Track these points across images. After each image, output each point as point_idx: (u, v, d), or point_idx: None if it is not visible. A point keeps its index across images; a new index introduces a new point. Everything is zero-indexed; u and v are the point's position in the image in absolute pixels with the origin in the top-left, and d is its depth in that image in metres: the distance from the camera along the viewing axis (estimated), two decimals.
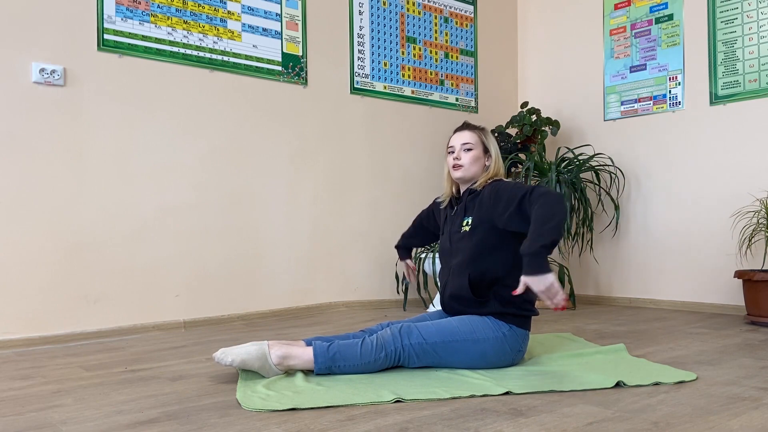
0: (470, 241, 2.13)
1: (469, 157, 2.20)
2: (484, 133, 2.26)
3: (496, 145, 2.25)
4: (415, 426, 1.51)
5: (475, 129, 2.26)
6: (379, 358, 2.01)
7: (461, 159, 2.20)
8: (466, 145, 2.21)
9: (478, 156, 2.21)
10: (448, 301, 2.19)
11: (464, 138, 2.23)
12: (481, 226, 2.11)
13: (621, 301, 4.09)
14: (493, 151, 2.23)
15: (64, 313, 2.84)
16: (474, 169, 2.20)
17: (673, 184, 3.85)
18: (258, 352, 1.96)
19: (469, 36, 4.46)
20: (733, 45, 3.58)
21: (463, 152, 2.21)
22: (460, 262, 2.15)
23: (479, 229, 2.12)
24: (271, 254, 3.50)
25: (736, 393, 1.79)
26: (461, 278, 2.12)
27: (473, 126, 2.28)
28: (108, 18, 2.98)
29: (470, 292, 2.09)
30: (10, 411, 1.70)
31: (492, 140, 2.26)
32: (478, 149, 2.21)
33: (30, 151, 2.78)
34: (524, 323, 2.11)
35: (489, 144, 2.24)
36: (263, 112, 3.48)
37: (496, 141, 2.28)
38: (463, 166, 2.20)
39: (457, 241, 2.19)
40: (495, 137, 2.30)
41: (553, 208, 1.88)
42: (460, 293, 2.13)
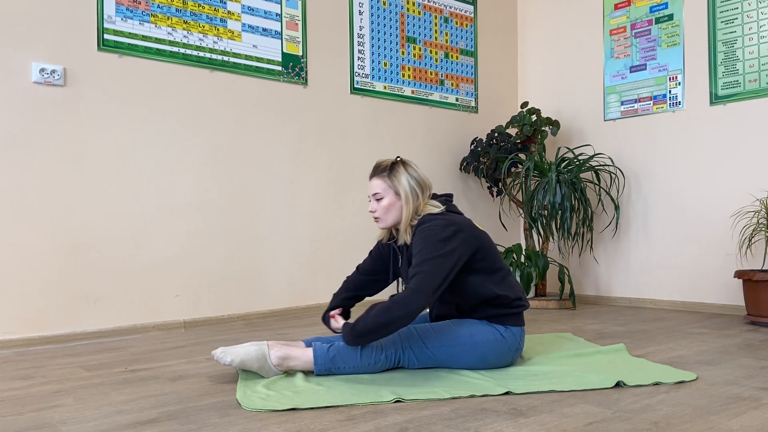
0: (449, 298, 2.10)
1: (382, 207, 2.09)
2: (392, 172, 2.09)
3: (407, 180, 2.08)
4: (415, 426, 1.51)
5: (382, 173, 2.11)
6: (379, 360, 2.01)
7: (376, 211, 2.11)
8: (376, 195, 2.11)
9: (392, 202, 2.08)
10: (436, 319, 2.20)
11: (373, 188, 2.11)
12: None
13: (621, 301, 4.09)
14: (402, 192, 2.07)
15: (64, 313, 2.84)
16: (391, 218, 2.10)
17: (673, 184, 3.85)
18: (257, 353, 1.96)
19: (469, 36, 4.46)
20: (733, 45, 3.58)
21: (376, 203, 2.11)
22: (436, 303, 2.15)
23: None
24: (271, 254, 3.50)
25: (736, 393, 1.79)
26: (447, 307, 2.13)
27: (381, 169, 2.12)
28: (108, 18, 2.98)
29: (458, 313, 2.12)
30: (10, 411, 1.70)
31: (402, 176, 2.08)
32: (389, 196, 2.08)
33: (30, 151, 2.78)
34: (518, 320, 2.11)
35: (398, 185, 2.07)
36: (263, 112, 3.48)
37: (410, 171, 2.10)
38: (380, 218, 2.12)
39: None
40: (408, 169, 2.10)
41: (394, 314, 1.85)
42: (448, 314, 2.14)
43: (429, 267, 1.90)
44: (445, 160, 4.30)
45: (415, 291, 1.87)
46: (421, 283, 1.88)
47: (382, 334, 1.91)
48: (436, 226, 1.98)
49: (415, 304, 1.85)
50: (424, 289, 1.87)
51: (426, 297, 1.87)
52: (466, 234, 2.00)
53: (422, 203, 2.09)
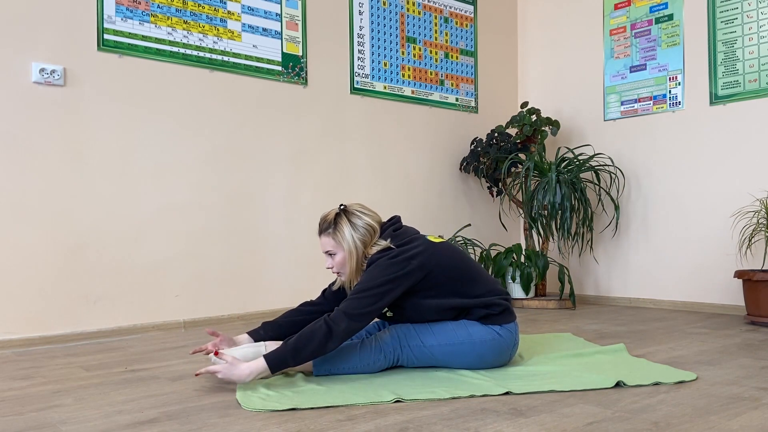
0: (405, 317, 2.11)
1: (338, 262, 2.09)
2: (336, 228, 2.08)
3: (350, 237, 2.06)
4: (415, 426, 1.51)
5: (327, 231, 2.10)
6: (377, 360, 2.01)
7: (334, 267, 2.12)
8: (328, 252, 2.11)
9: (345, 257, 2.08)
10: None
11: (324, 246, 2.11)
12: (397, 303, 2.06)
13: (621, 301, 4.09)
14: (347, 247, 2.06)
15: (64, 313, 2.84)
16: (349, 269, 2.10)
17: (673, 184, 3.85)
18: (255, 355, 1.96)
19: (469, 36, 4.46)
20: (733, 45, 3.58)
21: (330, 259, 2.12)
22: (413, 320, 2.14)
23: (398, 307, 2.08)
24: (271, 254, 3.50)
25: (736, 393, 1.79)
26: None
27: (326, 227, 2.10)
28: (108, 18, 2.98)
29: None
30: (10, 411, 1.70)
31: (345, 232, 2.07)
32: (340, 252, 2.08)
33: (30, 151, 2.78)
34: (509, 316, 2.11)
35: (342, 240, 2.07)
36: (263, 112, 3.48)
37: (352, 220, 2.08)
38: (340, 272, 2.12)
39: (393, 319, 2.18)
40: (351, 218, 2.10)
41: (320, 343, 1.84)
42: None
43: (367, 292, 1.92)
44: (445, 160, 4.30)
45: (347, 313, 1.88)
46: (355, 305, 1.90)
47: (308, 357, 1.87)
48: (379, 265, 1.98)
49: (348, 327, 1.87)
50: (357, 311, 1.89)
51: (357, 320, 1.89)
52: (417, 260, 2.00)
53: (368, 248, 2.08)
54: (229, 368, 1.81)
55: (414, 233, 2.14)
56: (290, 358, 1.83)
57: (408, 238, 2.09)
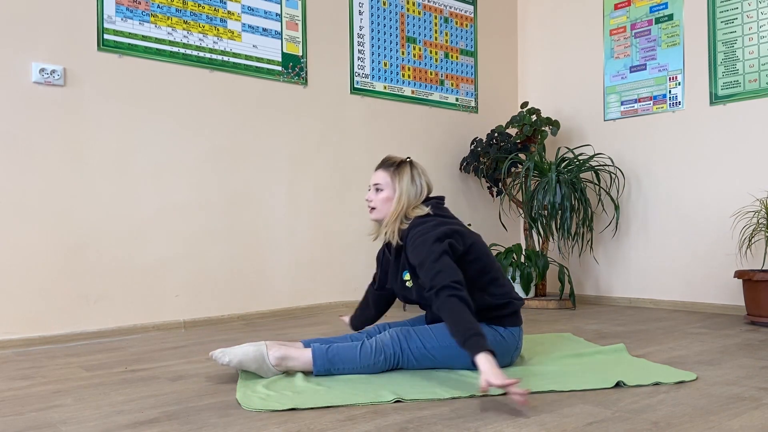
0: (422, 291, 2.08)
1: (379, 199, 2.14)
2: (398, 170, 2.14)
3: (408, 182, 2.12)
4: (415, 426, 1.51)
5: (389, 167, 2.16)
6: (378, 361, 2.01)
7: (372, 201, 2.15)
8: (377, 186, 2.15)
9: (389, 197, 2.13)
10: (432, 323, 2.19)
11: (376, 178, 2.16)
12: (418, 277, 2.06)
13: (621, 301, 4.09)
14: (398, 189, 2.11)
15: (64, 313, 2.84)
16: (386, 210, 2.14)
17: (673, 184, 3.85)
18: (255, 353, 1.96)
19: (469, 36, 4.46)
20: (733, 45, 3.58)
21: (374, 193, 2.15)
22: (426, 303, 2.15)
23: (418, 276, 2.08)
24: (271, 254, 3.50)
25: (736, 393, 1.79)
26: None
27: (389, 164, 2.17)
28: (108, 18, 2.98)
29: None
30: (10, 411, 1.70)
31: (405, 177, 2.13)
32: (388, 190, 2.13)
33: (30, 151, 2.78)
34: (516, 320, 2.11)
35: (398, 184, 2.12)
36: (263, 112, 3.48)
37: (414, 175, 2.14)
38: (375, 207, 2.15)
39: (410, 291, 2.17)
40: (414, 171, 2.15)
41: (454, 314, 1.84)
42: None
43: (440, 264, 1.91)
44: (445, 160, 4.30)
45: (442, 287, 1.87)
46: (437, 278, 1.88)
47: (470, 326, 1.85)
48: (427, 229, 2.00)
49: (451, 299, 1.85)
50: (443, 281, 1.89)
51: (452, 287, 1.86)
52: (455, 236, 2.02)
53: (413, 207, 2.12)
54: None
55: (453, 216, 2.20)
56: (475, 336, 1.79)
57: (449, 214, 2.16)
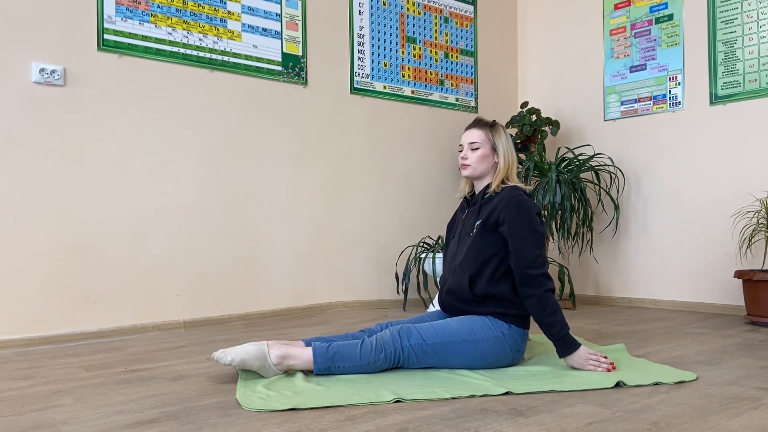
0: (477, 242, 2.14)
1: (476, 156, 2.20)
2: (494, 129, 2.23)
3: (506, 141, 2.22)
4: (415, 426, 1.51)
5: (484, 126, 2.24)
6: (378, 359, 2.01)
7: (468, 158, 2.21)
8: (473, 144, 2.21)
9: (486, 154, 2.20)
10: (446, 296, 2.21)
11: (472, 137, 2.22)
12: (490, 230, 2.12)
13: (621, 301, 4.09)
14: (501, 148, 2.20)
15: (64, 313, 2.84)
16: (482, 168, 2.21)
17: (673, 184, 3.85)
18: (257, 352, 1.96)
19: (469, 36, 4.46)
20: (733, 45, 3.58)
21: (470, 151, 2.21)
22: (462, 261, 2.17)
23: (488, 233, 2.13)
24: (271, 254, 3.50)
25: (736, 393, 1.79)
26: (462, 276, 2.14)
27: (483, 123, 2.25)
28: (108, 18, 2.98)
29: (468, 290, 2.11)
30: (10, 411, 1.70)
31: (502, 136, 2.22)
32: (485, 148, 2.20)
33: (30, 151, 2.78)
34: (523, 322, 2.11)
35: (497, 141, 2.21)
36: (263, 112, 3.48)
37: (507, 136, 2.24)
38: (470, 165, 2.21)
39: (465, 241, 2.20)
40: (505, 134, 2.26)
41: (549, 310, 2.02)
42: (458, 288, 2.14)
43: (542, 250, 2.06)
44: (445, 160, 4.30)
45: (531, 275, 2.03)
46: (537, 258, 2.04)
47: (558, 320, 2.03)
48: (530, 205, 2.11)
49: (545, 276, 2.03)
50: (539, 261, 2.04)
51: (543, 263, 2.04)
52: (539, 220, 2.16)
53: (513, 171, 2.22)
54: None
55: None
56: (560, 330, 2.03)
57: None
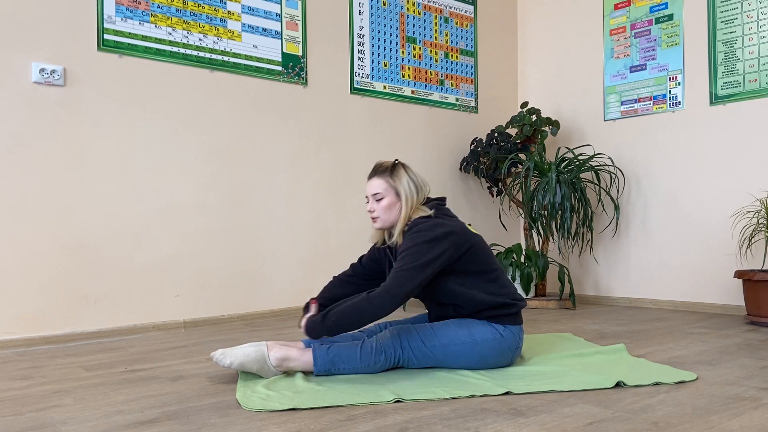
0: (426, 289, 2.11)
1: (382, 207, 2.10)
2: (394, 173, 2.11)
3: (407, 183, 2.10)
4: (415, 426, 1.51)
5: (383, 173, 2.12)
6: (378, 360, 2.01)
7: (375, 211, 2.12)
8: (377, 195, 2.11)
9: (392, 203, 2.10)
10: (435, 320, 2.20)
11: (374, 187, 2.12)
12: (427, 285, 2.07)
13: (621, 301, 4.09)
14: (403, 192, 2.09)
15: (64, 313, 2.84)
16: (392, 218, 2.11)
17: (673, 184, 3.85)
18: (256, 354, 1.96)
19: (469, 36, 4.46)
20: (733, 45, 3.58)
21: (375, 203, 2.12)
22: (429, 299, 2.16)
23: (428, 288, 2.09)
24: (271, 254, 3.50)
25: (736, 393, 1.79)
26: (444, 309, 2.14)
27: (382, 170, 2.14)
28: (108, 18, 2.98)
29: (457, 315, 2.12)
30: (10, 411, 1.70)
31: (403, 178, 2.10)
32: (389, 196, 2.10)
33: (30, 151, 2.78)
34: (516, 319, 2.12)
35: (399, 186, 2.09)
36: (263, 112, 3.48)
37: (409, 175, 2.11)
38: (379, 217, 2.12)
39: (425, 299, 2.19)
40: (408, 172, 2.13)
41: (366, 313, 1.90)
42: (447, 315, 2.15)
43: (408, 269, 1.93)
44: (445, 160, 4.30)
45: (389, 290, 1.91)
46: (397, 283, 1.92)
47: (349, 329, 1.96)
48: (424, 229, 2.00)
49: (388, 304, 1.90)
50: (398, 289, 1.91)
51: (399, 298, 1.91)
52: (454, 237, 2.02)
53: (416, 207, 2.10)
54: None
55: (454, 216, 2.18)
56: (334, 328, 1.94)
57: (450, 216, 2.14)
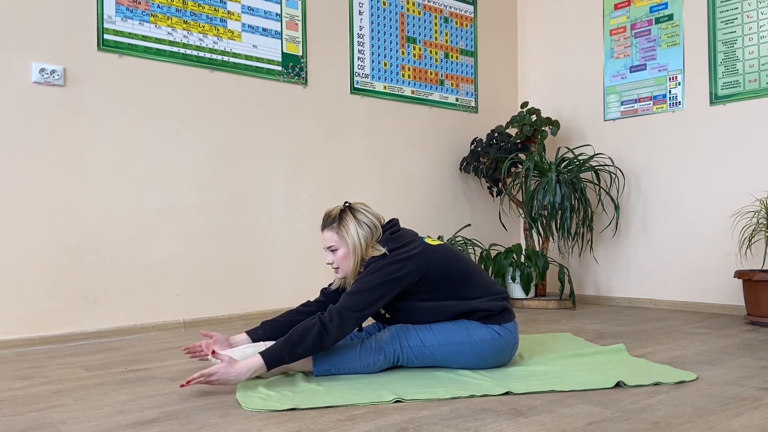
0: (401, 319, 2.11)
1: (338, 257, 2.12)
2: (341, 224, 2.11)
3: (354, 233, 2.09)
4: (415, 426, 1.51)
5: (332, 225, 2.13)
6: (378, 360, 2.01)
7: (334, 262, 2.14)
8: (331, 248, 2.13)
9: (346, 253, 2.11)
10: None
11: (326, 241, 2.14)
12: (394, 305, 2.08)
13: (621, 301, 4.09)
14: (351, 243, 2.09)
15: (64, 313, 2.84)
16: (349, 267, 2.12)
17: (673, 184, 3.85)
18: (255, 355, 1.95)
19: (469, 36, 4.46)
20: (733, 45, 3.58)
21: (331, 254, 2.14)
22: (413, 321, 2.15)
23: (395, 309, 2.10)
24: (272, 254, 3.50)
25: (736, 393, 1.79)
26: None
27: (330, 221, 2.14)
28: (108, 18, 2.98)
29: None
30: (10, 411, 1.70)
31: (349, 228, 2.10)
32: (343, 247, 2.11)
33: (30, 151, 2.78)
34: (509, 315, 2.11)
35: (347, 236, 2.09)
36: (263, 112, 3.48)
37: (356, 221, 2.11)
38: (339, 268, 2.14)
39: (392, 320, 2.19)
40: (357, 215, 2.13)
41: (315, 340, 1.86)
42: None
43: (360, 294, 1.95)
44: (445, 160, 4.30)
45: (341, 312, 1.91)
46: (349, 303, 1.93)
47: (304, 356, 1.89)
48: (375, 267, 2.00)
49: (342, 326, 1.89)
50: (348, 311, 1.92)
51: (353, 319, 1.91)
52: (413, 262, 2.01)
53: (368, 248, 2.09)
54: (225, 368, 1.79)
55: (411, 235, 2.15)
56: (285, 355, 1.84)
57: (405, 240, 2.10)
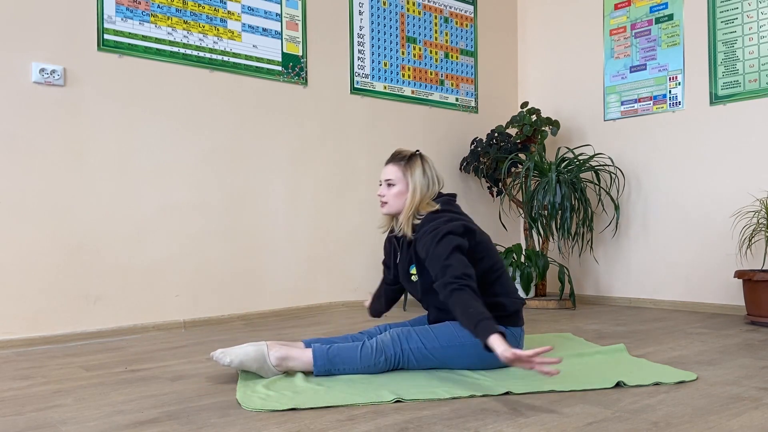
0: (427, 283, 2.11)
1: (392, 193, 2.15)
2: (409, 164, 2.15)
3: (420, 175, 2.14)
4: (415, 426, 1.51)
5: (399, 162, 2.17)
6: (378, 362, 2.01)
7: (385, 195, 2.17)
8: (389, 181, 2.16)
9: (401, 191, 2.14)
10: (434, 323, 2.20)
11: (387, 174, 2.18)
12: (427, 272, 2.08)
13: (621, 301, 4.09)
14: (412, 184, 2.13)
15: (64, 313, 2.84)
16: (399, 205, 2.15)
17: (673, 184, 3.85)
18: (256, 354, 1.96)
19: (469, 36, 4.46)
20: (733, 45, 3.58)
21: (386, 188, 2.17)
22: (428, 301, 2.18)
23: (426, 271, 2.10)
24: (271, 254, 3.50)
25: (736, 393, 1.79)
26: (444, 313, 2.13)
27: (399, 158, 2.18)
28: (108, 18, 2.98)
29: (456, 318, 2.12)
30: (10, 411, 1.70)
31: (416, 170, 2.14)
32: (400, 184, 2.14)
33: (30, 151, 2.78)
34: (517, 320, 2.12)
35: (410, 177, 2.13)
36: (263, 112, 3.48)
37: (424, 168, 2.15)
38: (387, 202, 2.16)
39: (414, 285, 2.20)
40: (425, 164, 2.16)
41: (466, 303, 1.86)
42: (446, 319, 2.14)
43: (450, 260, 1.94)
44: (445, 160, 4.30)
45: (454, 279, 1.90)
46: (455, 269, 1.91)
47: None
48: (439, 224, 2.02)
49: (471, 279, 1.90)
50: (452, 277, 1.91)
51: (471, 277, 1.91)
52: (465, 232, 2.05)
53: (426, 201, 2.13)
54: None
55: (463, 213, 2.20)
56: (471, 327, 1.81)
57: (460, 210, 2.18)
